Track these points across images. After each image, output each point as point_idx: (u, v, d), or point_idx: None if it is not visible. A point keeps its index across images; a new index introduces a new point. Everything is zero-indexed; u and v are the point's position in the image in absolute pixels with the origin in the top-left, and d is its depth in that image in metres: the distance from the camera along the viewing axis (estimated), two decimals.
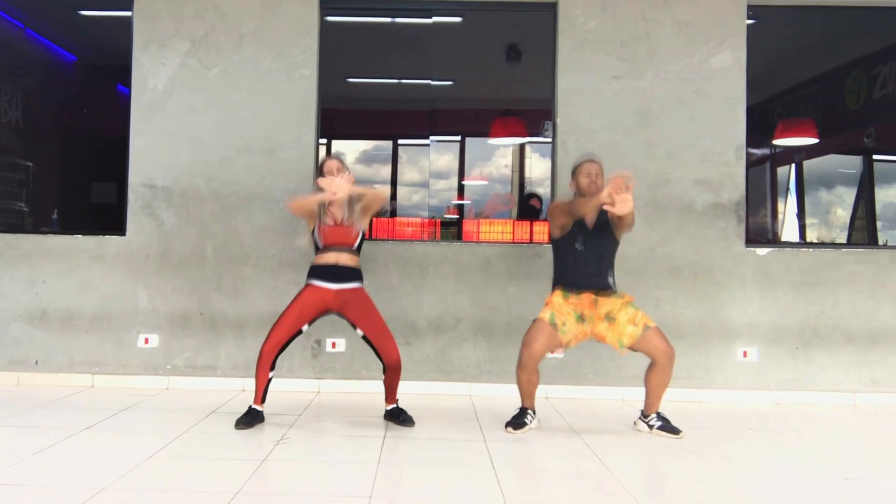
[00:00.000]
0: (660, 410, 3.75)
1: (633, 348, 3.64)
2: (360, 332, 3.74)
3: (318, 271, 3.70)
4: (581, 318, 3.66)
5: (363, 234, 3.78)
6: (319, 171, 3.78)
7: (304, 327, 3.71)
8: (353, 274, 3.73)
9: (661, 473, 3.19)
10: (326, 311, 3.72)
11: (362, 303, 3.72)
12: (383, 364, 3.74)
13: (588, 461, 3.18)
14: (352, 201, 3.74)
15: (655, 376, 3.65)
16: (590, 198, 3.57)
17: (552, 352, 3.75)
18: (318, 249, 3.75)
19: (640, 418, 3.80)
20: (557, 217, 3.73)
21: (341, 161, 3.77)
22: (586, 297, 3.65)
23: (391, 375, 3.77)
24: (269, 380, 3.69)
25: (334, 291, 3.67)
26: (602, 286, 3.66)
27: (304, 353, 4.65)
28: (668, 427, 3.68)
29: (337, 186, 3.52)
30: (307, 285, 3.72)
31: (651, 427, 3.72)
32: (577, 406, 4.37)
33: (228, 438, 3.44)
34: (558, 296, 3.70)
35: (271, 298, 4.64)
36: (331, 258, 3.69)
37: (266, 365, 3.65)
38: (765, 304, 4.65)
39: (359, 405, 4.25)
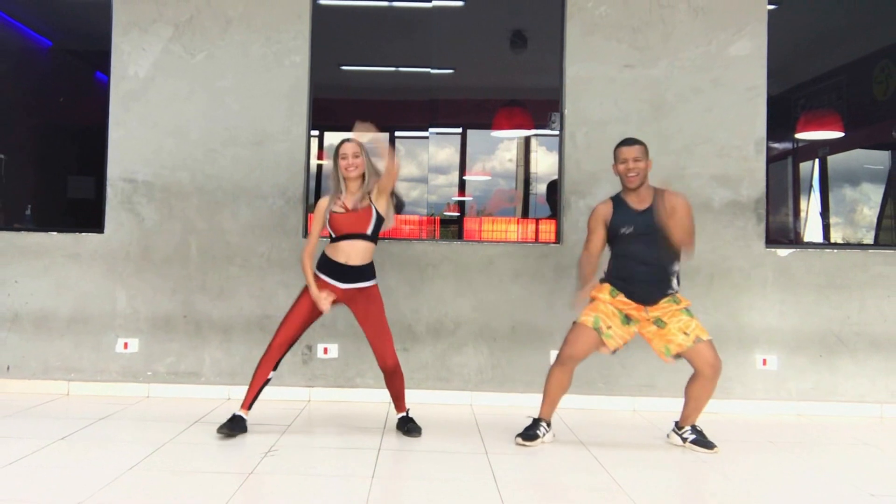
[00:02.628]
0: (695, 423, 3.72)
1: (681, 356, 3.60)
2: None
3: (328, 266, 3.72)
4: (627, 319, 3.62)
5: (380, 218, 3.70)
6: (335, 155, 3.72)
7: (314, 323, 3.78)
8: (364, 273, 3.73)
9: (673, 488, 3.18)
10: (335, 302, 3.75)
11: (368, 300, 3.74)
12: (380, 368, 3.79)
13: (596, 475, 3.17)
14: (370, 180, 3.70)
15: (697, 388, 3.62)
16: (630, 190, 3.60)
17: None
18: (332, 238, 3.74)
19: (673, 430, 3.78)
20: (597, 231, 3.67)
21: (361, 146, 3.70)
22: (634, 302, 3.60)
23: (389, 381, 3.80)
24: (267, 381, 3.71)
25: (343, 289, 3.71)
26: (653, 299, 3.58)
27: (294, 360, 4.64)
28: (702, 441, 3.66)
29: (321, 303, 3.64)
30: (315, 277, 3.73)
31: (685, 440, 3.70)
32: (585, 416, 4.36)
33: (213, 450, 3.43)
34: (605, 292, 3.64)
35: (259, 300, 4.64)
36: (342, 254, 3.68)
37: (271, 362, 3.69)
38: (786, 308, 4.64)
39: (352, 415, 4.24)
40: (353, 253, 3.68)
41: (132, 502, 2.67)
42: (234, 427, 3.64)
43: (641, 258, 3.55)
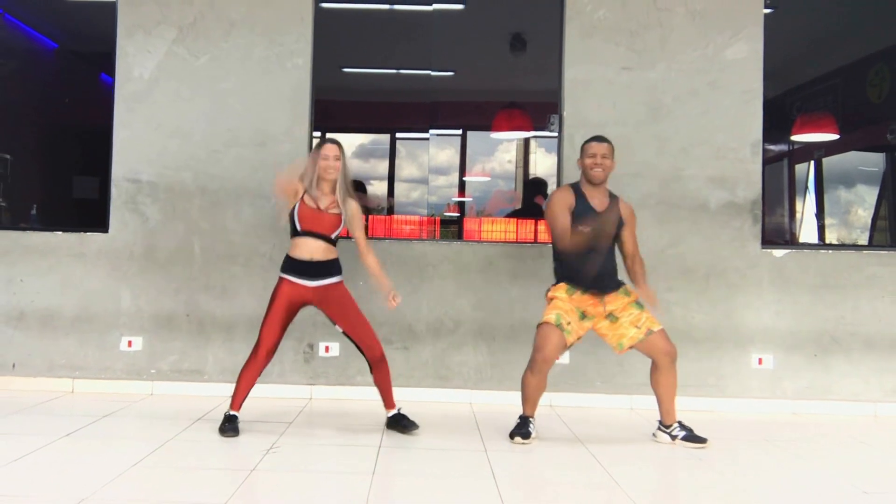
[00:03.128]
0: (680, 419, 3.73)
1: (635, 349, 3.66)
2: (339, 328, 3.78)
3: (293, 266, 3.71)
4: (584, 316, 3.67)
5: (343, 226, 3.72)
6: (315, 151, 3.73)
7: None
8: (329, 268, 3.73)
9: (670, 485, 3.19)
10: (306, 304, 3.76)
11: (339, 298, 3.74)
12: (367, 361, 3.77)
13: (594, 472, 3.18)
14: (343, 191, 3.70)
15: (660, 379, 3.67)
16: (594, 194, 3.68)
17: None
18: (294, 232, 3.73)
19: (659, 429, 3.77)
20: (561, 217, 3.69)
21: (341, 148, 3.72)
22: (590, 297, 3.65)
23: (379, 374, 3.78)
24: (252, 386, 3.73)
25: (311, 288, 3.70)
26: (608, 289, 3.66)
27: (295, 358, 4.65)
28: (692, 437, 3.66)
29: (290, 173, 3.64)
30: (282, 280, 3.72)
31: (674, 438, 3.69)
32: (582, 414, 4.37)
33: (215, 447, 3.43)
34: (561, 291, 3.69)
35: (261, 299, 4.61)
36: (305, 251, 3.68)
37: (258, 370, 3.68)
38: (781, 308, 4.65)
39: (353, 412, 4.24)
40: (315, 249, 3.68)
41: (136, 498, 2.67)
42: (234, 425, 3.65)
43: (592, 257, 3.60)
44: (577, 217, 3.62)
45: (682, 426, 3.71)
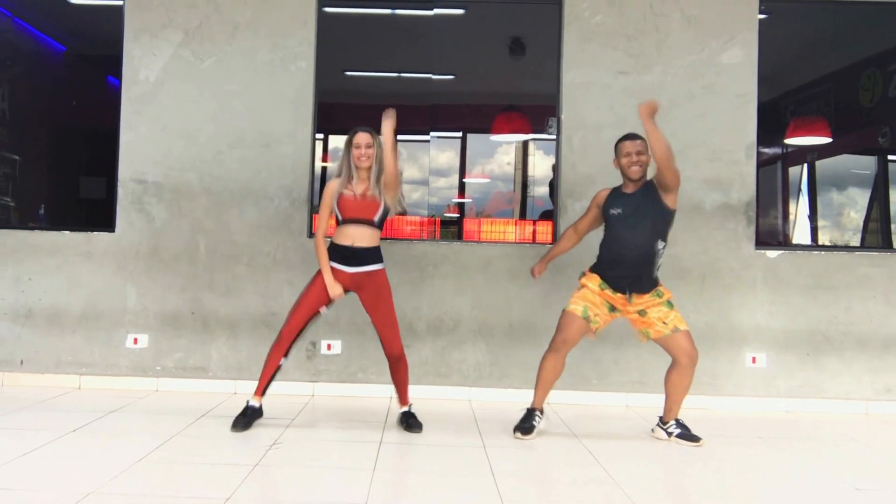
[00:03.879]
0: (679, 417, 3.74)
1: (659, 343, 3.67)
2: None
3: (335, 252, 3.70)
4: (612, 308, 3.67)
5: (386, 208, 3.69)
6: (348, 143, 3.71)
7: (323, 309, 3.72)
8: (370, 256, 3.70)
9: (666, 482, 3.19)
10: (345, 290, 3.72)
11: (376, 287, 3.71)
12: (386, 357, 3.77)
13: (592, 469, 3.18)
14: (379, 173, 3.68)
15: (675, 377, 3.66)
16: (630, 173, 3.64)
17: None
18: (338, 222, 3.73)
19: (658, 425, 3.80)
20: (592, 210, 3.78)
21: (374, 138, 3.68)
22: (621, 297, 3.64)
23: (394, 369, 3.78)
24: (279, 368, 3.71)
25: (350, 274, 3.69)
26: (644, 288, 3.62)
27: (298, 355, 4.65)
28: (687, 435, 3.68)
29: (332, 289, 3.64)
30: None
31: (670, 435, 3.72)
32: (579, 412, 4.37)
33: (220, 442, 3.44)
34: (594, 283, 3.67)
35: (265, 298, 4.64)
36: (348, 237, 3.67)
37: (282, 348, 3.67)
38: (775, 308, 4.65)
39: (355, 409, 4.25)
40: (358, 236, 3.67)
41: (141, 493, 2.68)
42: (248, 419, 3.65)
43: (628, 240, 3.58)
44: (609, 206, 3.67)
45: (679, 424, 3.72)
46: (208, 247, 4.68)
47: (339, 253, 3.69)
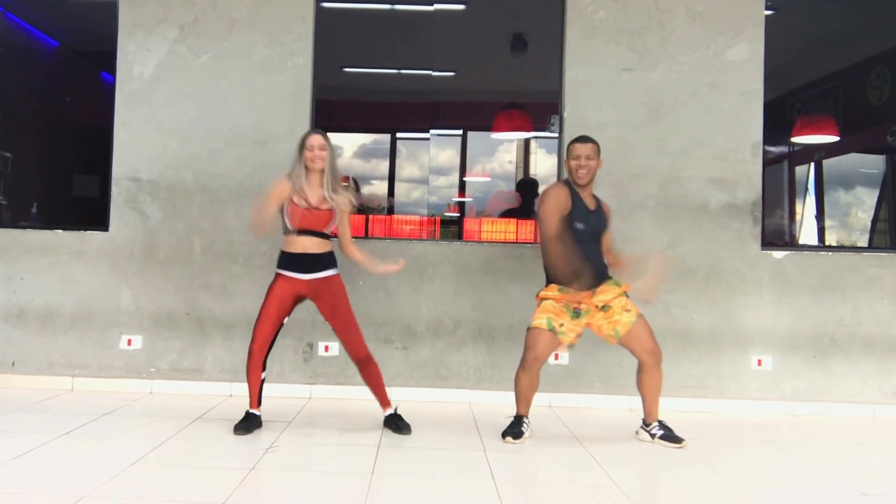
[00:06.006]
0: (661, 419, 3.76)
1: (623, 343, 3.67)
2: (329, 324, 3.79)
3: (287, 260, 3.70)
4: (577, 313, 3.66)
5: (336, 222, 3.70)
6: (301, 146, 3.69)
7: (285, 319, 3.75)
8: (324, 261, 3.71)
9: (669, 486, 3.18)
10: (302, 298, 3.74)
11: (332, 293, 3.72)
12: (352, 361, 3.77)
13: (593, 473, 3.18)
14: (331, 183, 3.67)
15: (645, 379, 3.71)
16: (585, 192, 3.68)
17: (555, 357, 3.76)
18: (286, 230, 3.71)
19: (641, 427, 3.83)
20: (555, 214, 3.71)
21: (326, 138, 3.69)
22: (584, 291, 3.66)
23: (365, 374, 3.77)
24: (262, 381, 3.71)
25: (306, 281, 3.68)
26: (598, 282, 3.67)
27: (295, 357, 4.65)
28: (670, 436, 3.70)
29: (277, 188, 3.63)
30: (277, 275, 3.72)
31: (653, 436, 3.74)
32: (581, 415, 4.37)
33: (215, 445, 3.43)
34: (553, 290, 3.69)
35: (260, 298, 4.57)
36: (299, 245, 3.67)
37: (257, 366, 3.67)
38: (780, 309, 4.65)
39: (353, 412, 4.24)
40: (309, 245, 3.67)
41: (135, 496, 2.67)
42: (250, 425, 3.65)
43: (583, 251, 3.60)
44: (574, 219, 3.62)
45: (662, 425, 3.74)
46: (204, 246, 4.68)
47: (292, 260, 3.68)
